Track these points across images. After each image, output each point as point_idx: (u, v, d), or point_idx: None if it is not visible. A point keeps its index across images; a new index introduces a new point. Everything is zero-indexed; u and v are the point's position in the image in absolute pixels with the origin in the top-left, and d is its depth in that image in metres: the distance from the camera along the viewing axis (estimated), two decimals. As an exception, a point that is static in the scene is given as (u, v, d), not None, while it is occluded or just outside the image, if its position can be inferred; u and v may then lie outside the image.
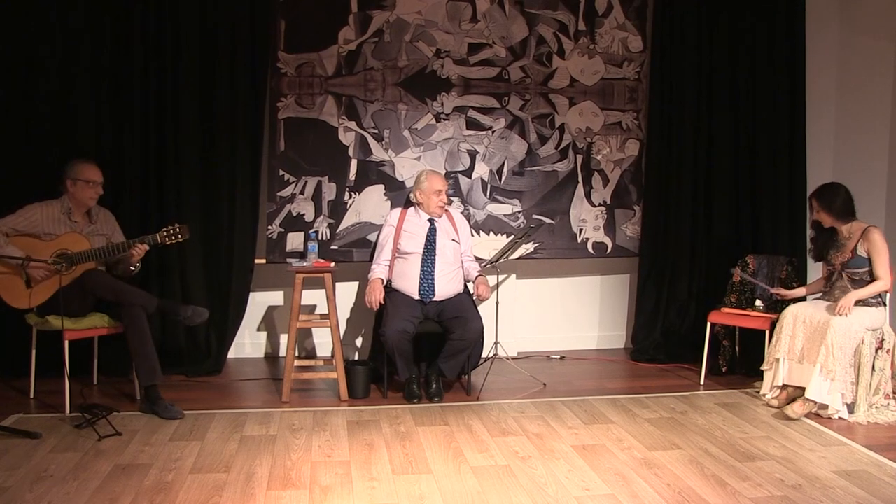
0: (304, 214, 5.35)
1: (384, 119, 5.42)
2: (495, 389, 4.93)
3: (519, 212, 5.62)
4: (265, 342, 5.76)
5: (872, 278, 4.52)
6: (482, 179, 5.57)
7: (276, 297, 5.70)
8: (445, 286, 4.83)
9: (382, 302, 4.76)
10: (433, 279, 4.81)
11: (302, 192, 5.34)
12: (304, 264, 4.89)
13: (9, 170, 4.94)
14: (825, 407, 4.38)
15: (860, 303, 4.53)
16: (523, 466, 3.64)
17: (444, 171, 5.45)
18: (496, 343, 5.16)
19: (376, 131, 5.41)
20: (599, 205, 5.74)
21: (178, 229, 4.46)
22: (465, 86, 5.50)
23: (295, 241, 5.33)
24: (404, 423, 4.26)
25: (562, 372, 5.43)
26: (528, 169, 5.62)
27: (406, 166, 5.43)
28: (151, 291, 4.69)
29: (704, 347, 5.14)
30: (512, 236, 5.38)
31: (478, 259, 5.23)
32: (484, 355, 5.10)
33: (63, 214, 4.49)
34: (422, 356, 5.10)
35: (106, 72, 5.05)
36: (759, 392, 4.83)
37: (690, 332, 5.70)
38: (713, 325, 5.18)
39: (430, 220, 4.97)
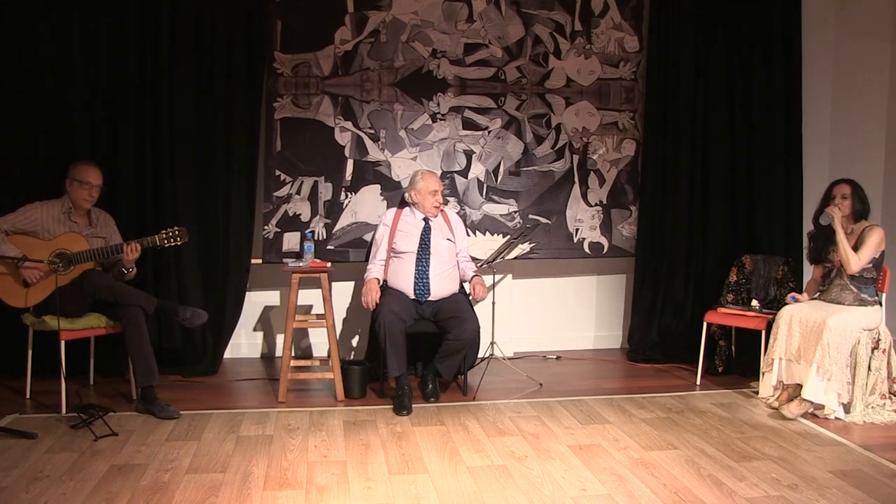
0: (300, 214, 5.34)
1: (380, 119, 5.42)
2: (492, 389, 4.93)
3: (515, 212, 5.62)
4: (261, 342, 5.76)
5: (872, 276, 4.55)
6: (478, 179, 5.57)
7: (272, 297, 5.70)
8: (441, 286, 4.83)
9: (379, 302, 4.75)
10: (428, 279, 4.80)
11: (298, 193, 5.34)
12: (301, 264, 4.90)
13: (7, 171, 4.94)
14: (821, 407, 4.39)
15: (858, 302, 4.54)
16: (520, 466, 3.64)
17: (440, 172, 5.45)
18: (492, 343, 5.18)
19: (372, 131, 5.41)
20: (596, 205, 5.74)
21: (176, 232, 4.46)
22: (461, 86, 5.50)
23: (291, 241, 5.32)
24: (401, 423, 4.26)
25: (558, 372, 5.44)
26: (525, 169, 5.62)
27: (402, 166, 5.43)
28: (148, 292, 4.68)
29: (701, 347, 5.15)
30: (508, 236, 5.38)
31: (474, 259, 5.23)
32: (480, 355, 5.10)
33: (63, 214, 4.50)
34: (418, 356, 5.12)
35: (102, 72, 5.04)
36: (755, 393, 4.84)
37: (687, 332, 5.70)
38: (709, 325, 5.19)
39: (425, 220, 4.97)
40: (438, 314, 4.77)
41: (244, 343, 5.71)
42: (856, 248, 4.52)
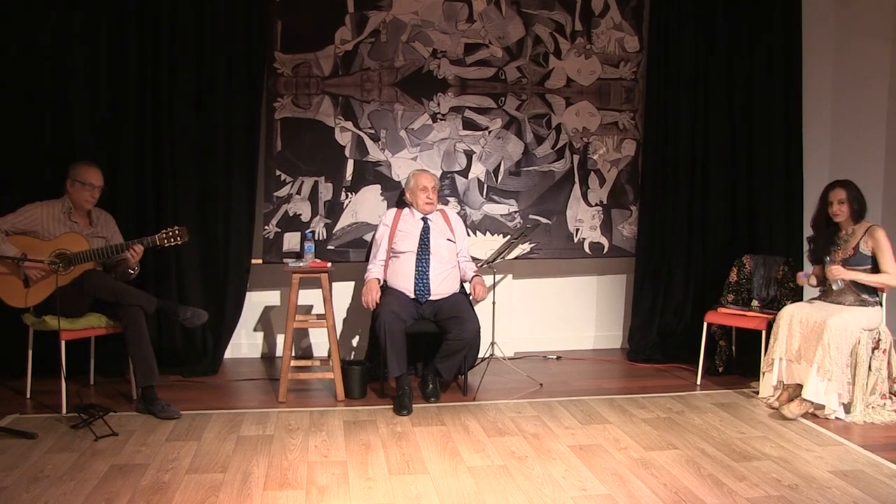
0: (300, 214, 5.34)
1: (381, 119, 5.42)
2: (492, 389, 4.93)
3: (515, 212, 5.62)
4: (262, 342, 5.75)
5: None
6: (479, 179, 5.57)
7: (272, 298, 5.70)
8: (441, 285, 4.83)
9: (379, 302, 4.75)
10: (428, 279, 4.80)
11: (298, 193, 5.34)
12: (301, 264, 4.89)
13: (7, 171, 4.95)
14: (822, 407, 4.39)
15: (859, 302, 4.54)
16: (520, 466, 3.64)
17: (440, 172, 5.45)
18: (493, 343, 5.18)
19: (373, 131, 5.41)
20: (596, 205, 5.74)
21: (177, 231, 4.46)
22: (461, 86, 5.50)
23: (291, 241, 5.32)
24: (401, 423, 4.26)
25: (558, 372, 5.44)
26: (525, 169, 5.62)
27: (402, 166, 5.42)
28: (148, 292, 4.68)
29: (701, 347, 5.15)
30: (508, 236, 5.38)
31: (474, 259, 5.23)
32: (480, 355, 5.10)
33: (63, 214, 4.50)
34: (418, 356, 5.12)
35: (102, 73, 5.04)
36: (756, 393, 4.84)
37: (687, 332, 5.70)
38: (710, 325, 5.19)
39: (424, 220, 4.97)
40: (439, 314, 4.76)
41: (244, 343, 5.71)
42: (874, 263, 4.53)
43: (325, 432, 4.10)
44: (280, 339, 5.68)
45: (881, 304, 4.60)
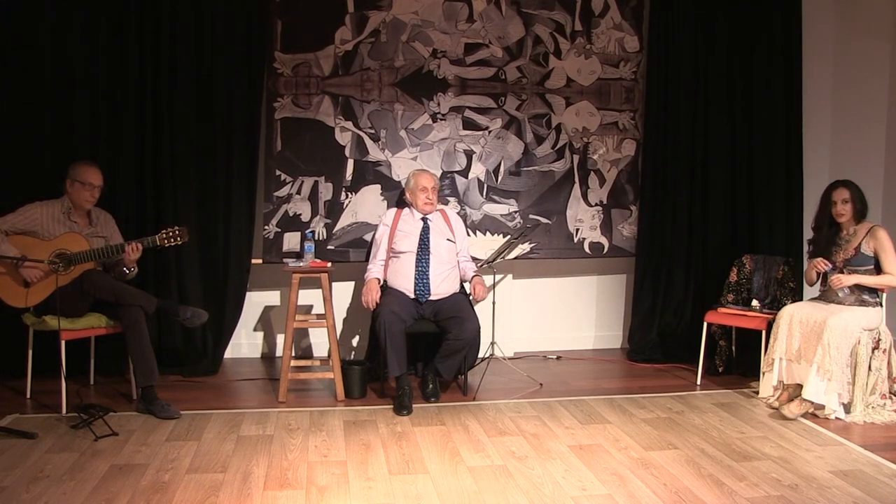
0: (300, 214, 5.34)
1: (381, 119, 5.42)
2: (492, 389, 4.93)
3: (515, 212, 5.62)
4: (262, 342, 5.75)
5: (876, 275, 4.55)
6: (479, 179, 5.57)
7: (272, 298, 5.70)
8: (441, 285, 4.83)
9: (379, 302, 4.75)
10: (428, 279, 4.80)
11: (298, 192, 5.34)
12: (301, 264, 4.90)
13: (7, 171, 4.94)
14: (822, 407, 4.39)
15: (859, 302, 4.54)
16: (520, 466, 3.64)
17: (440, 172, 5.45)
18: (493, 343, 5.18)
19: (373, 131, 5.41)
20: (596, 205, 5.74)
21: (177, 231, 4.46)
22: (461, 86, 5.50)
23: (291, 241, 5.32)
24: (401, 423, 4.26)
25: (558, 372, 5.44)
26: (525, 169, 5.62)
27: (402, 166, 5.42)
28: (148, 292, 4.68)
29: (701, 347, 5.15)
30: (508, 236, 5.38)
31: (474, 259, 5.23)
32: (480, 355, 5.10)
33: (63, 214, 4.49)
34: (418, 356, 5.11)
35: (102, 72, 5.04)
36: (756, 393, 4.84)
37: (687, 332, 5.70)
38: (710, 325, 5.19)
39: (424, 220, 4.97)
40: (439, 314, 4.76)
41: (244, 343, 5.71)
42: (875, 264, 4.53)
43: (325, 432, 4.10)
44: (280, 339, 5.67)
45: (881, 304, 4.60)
